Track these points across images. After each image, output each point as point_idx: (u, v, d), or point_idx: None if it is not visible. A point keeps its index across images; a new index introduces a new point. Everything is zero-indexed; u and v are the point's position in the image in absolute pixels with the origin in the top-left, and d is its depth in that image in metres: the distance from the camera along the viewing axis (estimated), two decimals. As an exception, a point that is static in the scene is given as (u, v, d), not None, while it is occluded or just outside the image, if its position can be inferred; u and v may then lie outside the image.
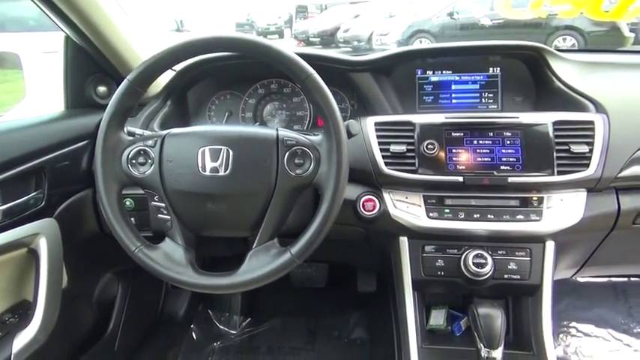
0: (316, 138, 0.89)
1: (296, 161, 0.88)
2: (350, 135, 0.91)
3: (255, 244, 0.88)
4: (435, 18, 10.09)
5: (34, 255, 1.01)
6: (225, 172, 0.87)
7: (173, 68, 1.32)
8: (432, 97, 1.29)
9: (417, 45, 1.51)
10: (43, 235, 1.01)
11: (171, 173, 0.89)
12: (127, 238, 0.87)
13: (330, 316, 1.71)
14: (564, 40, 8.24)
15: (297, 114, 1.33)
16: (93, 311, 1.35)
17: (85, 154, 1.16)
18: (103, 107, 1.27)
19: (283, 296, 1.75)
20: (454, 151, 1.05)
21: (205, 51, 0.90)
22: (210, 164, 0.87)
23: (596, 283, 1.52)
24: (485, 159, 1.04)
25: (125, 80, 0.88)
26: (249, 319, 1.72)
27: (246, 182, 0.87)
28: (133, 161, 0.90)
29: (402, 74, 1.27)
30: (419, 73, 1.29)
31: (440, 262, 1.07)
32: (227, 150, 0.87)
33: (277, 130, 0.91)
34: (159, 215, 0.91)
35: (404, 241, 1.09)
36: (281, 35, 18.13)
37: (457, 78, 1.28)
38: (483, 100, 1.27)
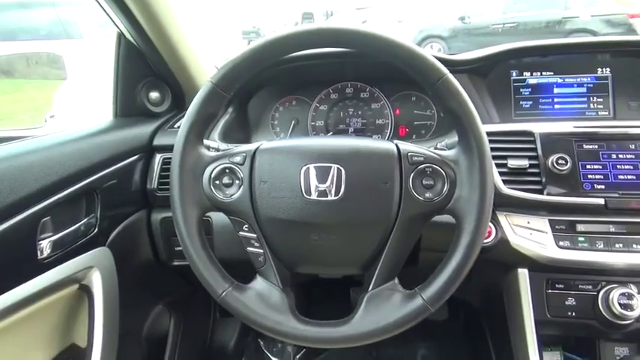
0: (450, 153, 0.71)
1: (424, 182, 0.70)
2: None
3: (371, 286, 0.71)
4: (447, 22, 9.98)
5: (86, 292, 0.84)
6: (335, 196, 0.69)
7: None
8: (530, 103, 1.11)
9: (519, 43, 1.38)
10: (97, 269, 0.84)
11: (266, 197, 0.71)
12: (213, 279, 0.70)
13: (393, 347, 1.52)
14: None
15: (377, 122, 1.15)
16: (142, 349, 1.17)
17: (137, 170, 0.99)
18: (156, 116, 1.12)
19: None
20: (590, 167, 0.87)
21: (308, 46, 0.72)
22: (316, 186, 0.69)
23: None
24: (629, 177, 0.86)
25: (207, 82, 0.71)
26: (304, 349, 1.54)
27: (361, 209, 0.70)
28: (217, 182, 0.72)
29: (497, 76, 1.10)
30: (514, 74, 1.11)
31: (571, 301, 0.88)
32: (338, 168, 0.70)
33: (395, 143, 0.73)
34: (248, 248, 0.74)
35: (524, 273, 0.91)
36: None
37: (560, 80, 1.10)
38: (592, 105, 1.09)
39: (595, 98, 1.09)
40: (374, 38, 0.69)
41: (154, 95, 1.07)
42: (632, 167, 0.86)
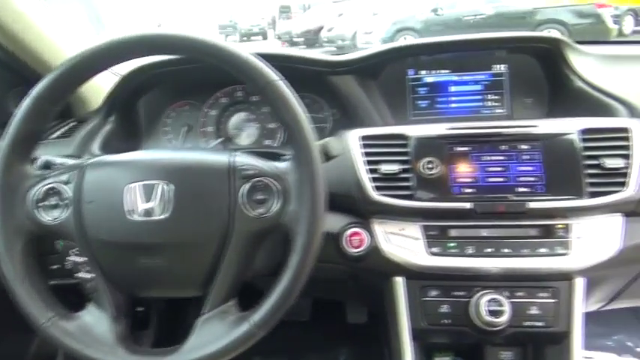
0: (282, 165, 0.68)
1: (257, 197, 0.67)
2: (328, 157, 0.71)
3: (206, 308, 0.67)
4: (419, 14, 9.99)
5: None
6: (161, 215, 0.65)
7: (116, 73, 1.11)
8: (427, 102, 1.09)
9: (409, 40, 1.36)
10: None
11: (92, 218, 0.67)
12: (35, 307, 0.65)
13: (315, 353, 1.50)
14: (549, 32, 8.16)
15: (269, 127, 1.12)
16: None
17: None
18: None
19: None
20: (459, 170, 0.85)
21: (134, 54, 0.68)
22: (141, 205, 0.65)
23: (616, 307, 1.34)
24: (499, 179, 0.84)
25: (29, 96, 0.66)
26: None
27: (190, 227, 0.66)
28: (42, 204, 0.68)
29: (391, 76, 1.07)
30: (411, 73, 1.08)
31: (445, 308, 0.86)
32: (164, 186, 0.66)
33: (232, 154, 0.70)
34: (77, 274, 0.70)
35: (400, 282, 0.88)
36: (264, 36, 17.95)
37: (456, 78, 1.08)
38: (488, 103, 1.08)
39: (491, 96, 1.07)
40: (202, 44, 0.65)
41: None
42: (501, 169, 0.84)
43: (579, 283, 0.84)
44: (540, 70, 1.02)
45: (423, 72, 1.08)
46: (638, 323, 1.38)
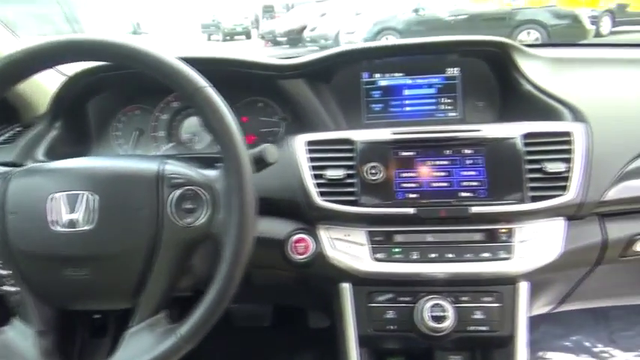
0: (212, 173, 0.66)
1: (185, 206, 0.65)
2: (264, 164, 0.69)
3: (135, 321, 0.65)
4: (401, 14, 10.03)
5: None
6: (85, 226, 0.63)
7: (64, 74, 1.08)
8: (381, 106, 1.08)
9: (361, 43, 1.36)
10: None
11: (16, 229, 0.65)
12: None
13: (277, 358, 1.48)
14: (528, 34, 8.27)
15: (220, 131, 1.09)
16: None
17: None
18: None
19: (222, 338, 1.51)
20: (403, 175, 0.84)
21: (60, 60, 0.66)
22: (65, 216, 0.63)
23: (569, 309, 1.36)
24: (442, 184, 0.84)
25: None
26: None
27: (115, 239, 0.64)
28: None
29: (344, 80, 1.06)
30: (365, 76, 1.08)
31: (390, 314, 0.85)
32: (89, 196, 0.64)
33: (163, 162, 0.68)
34: (3, 288, 0.67)
35: (346, 288, 0.87)
36: (248, 36, 17.84)
37: (410, 81, 1.07)
38: (441, 106, 1.07)
39: (445, 99, 1.07)
40: (127, 50, 0.63)
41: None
42: (445, 174, 0.84)
43: (523, 287, 0.84)
44: (491, 74, 1.03)
45: (377, 75, 1.08)
46: (595, 324, 1.39)
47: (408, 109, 1.08)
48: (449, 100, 1.07)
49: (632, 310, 1.37)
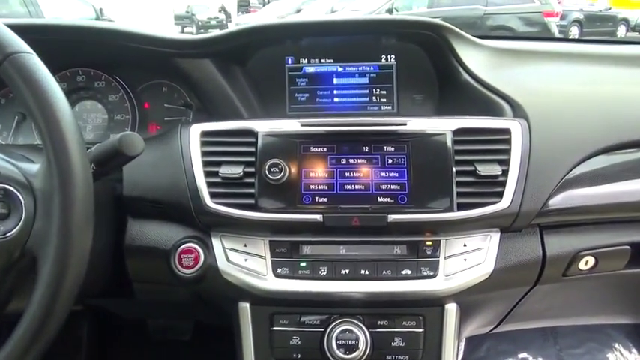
0: (33, 168, 0.51)
1: None
2: (124, 157, 0.54)
3: None
4: (375, 14, 9.97)
5: None
6: None
7: None
8: (306, 95, 0.94)
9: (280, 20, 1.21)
10: None
11: None
12: None
13: None
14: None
15: (116, 118, 0.93)
16: None
17: None
18: None
19: (138, 351, 1.35)
20: (312, 175, 0.71)
21: None
22: None
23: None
24: (357, 187, 0.70)
25: None
26: None
27: None
28: None
29: (264, 64, 0.91)
30: (289, 61, 0.93)
31: (296, 340, 0.72)
32: None
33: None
34: None
35: (245, 308, 0.73)
36: (222, 29, 17.48)
37: (340, 69, 0.94)
38: (374, 98, 0.94)
39: (378, 90, 0.94)
40: None
41: None
42: (361, 176, 0.70)
43: (450, 310, 0.72)
44: (429, 62, 0.90)
45: (304, 61, 0.94)
46: (544, 341, 1.30)
47: (337, 99, 0.95)
48: (383, 92, 0.94)
49: (582, 327, 1.28)
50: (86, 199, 0.48)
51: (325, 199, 0.70)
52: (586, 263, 0.75)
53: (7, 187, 0.49)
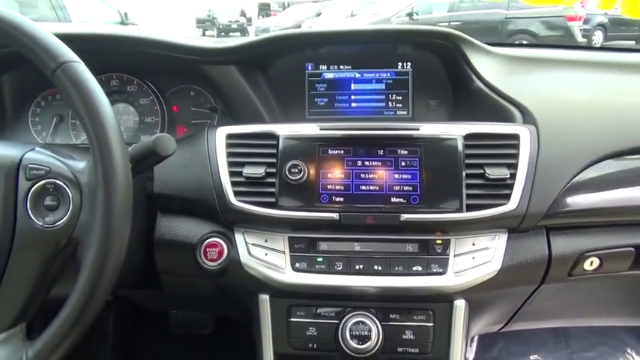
0: (80, 165, 0.56)
1: (47, 202, 0.55)
2: (157, 157, 0.60)
3: None
4: (395, 18, 9.97)
5: None
6: None
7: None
8: (325, 100, 0.99)
9: (301, 29, 1.25)
10: None
11: None
12: None
13: None
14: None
15: (146, 120, 1.00)
16: None
17: None
18: None
19: (161, 345, 1.41)
20: (330, 176, 0.75)
21: None
22: None
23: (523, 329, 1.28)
24: (372, 187, 0.75)
25: None
26: None
27: None
28: None
29: (285, 70, 0.96)
30: (309, 68, 0.98)
31: (312, 331, 0.76)
32: None
33: (29, 149, 0.58)
34: None
35: (265, 300, 0.78)
36: (243, 32, 17.71)
37: (358, 75, 0.99)
38: (390, 103, 0.98)
39: (394, 96, 0.98)
40: None
41: None
42: (376, 177, 0.75)
43: (459, 306, 0.76)
44: (443, 70, 0.94)
45: (323, 67, 0.99)
46: (555, 343, 1.31)
47: (354, 104, 0.99)
48: (399, 98, 0.98)
49: (594, 329, 1.29)
50: (126, 195, 0.53)
51: (341, 199, 0.74)
52: (591, 264, 0.78)
53: (57, 181, 0.55)
